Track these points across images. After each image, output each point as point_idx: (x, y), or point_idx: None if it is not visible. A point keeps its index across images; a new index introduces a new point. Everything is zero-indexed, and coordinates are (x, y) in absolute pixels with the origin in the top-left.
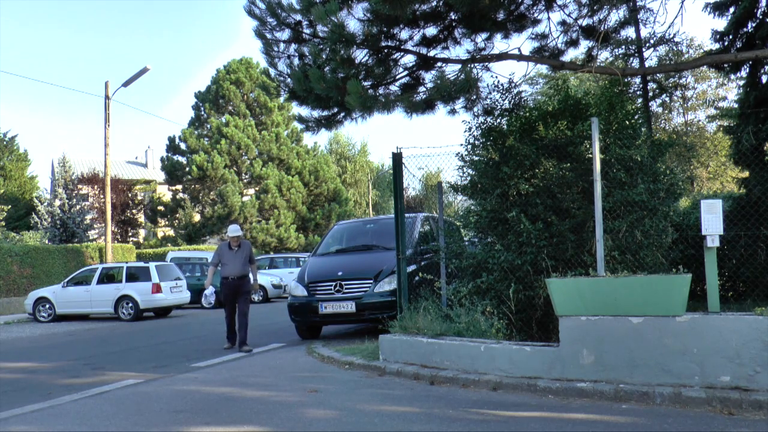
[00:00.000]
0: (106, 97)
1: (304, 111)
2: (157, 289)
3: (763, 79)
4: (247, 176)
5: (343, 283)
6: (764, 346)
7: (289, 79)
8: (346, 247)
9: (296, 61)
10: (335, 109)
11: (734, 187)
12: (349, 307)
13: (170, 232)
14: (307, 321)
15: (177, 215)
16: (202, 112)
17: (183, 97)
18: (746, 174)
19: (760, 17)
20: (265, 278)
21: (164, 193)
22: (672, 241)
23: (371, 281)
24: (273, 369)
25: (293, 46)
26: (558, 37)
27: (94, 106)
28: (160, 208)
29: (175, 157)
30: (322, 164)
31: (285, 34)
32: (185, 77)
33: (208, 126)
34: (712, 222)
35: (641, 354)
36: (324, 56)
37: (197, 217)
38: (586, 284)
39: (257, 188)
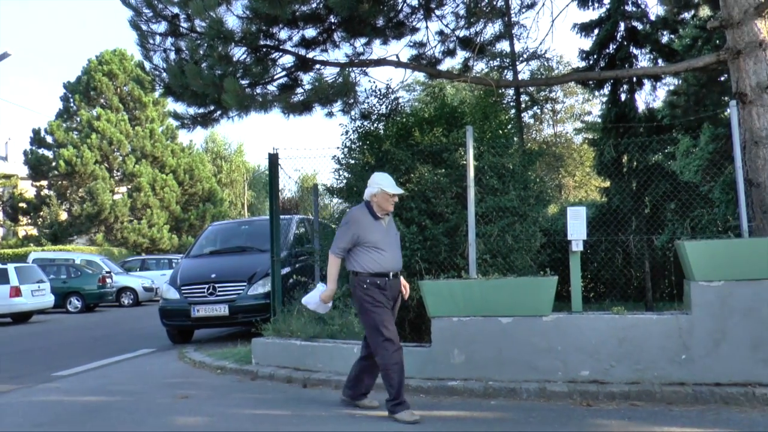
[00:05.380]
0: None
1: (180, 107)
2: (16, 292)
3: (623, 96)
4: (118, 173)
5: (216, 285)
6: (619, 343)
7: (164, 74)
8: (220, 249)
9: (173, 55)
10: (212, 107)
11: (597, 196)
12: (222, 310)
13: (33, 232)
14: (179, 325)
15: (41, 213)
16: (72, 104)
17: (48, 86)
18: (607, 184)
19: (620, 40)
20: (135, 281)
21: (27, 189)
22: (540, 245)
23: (245, 284)
24: (142, 376)
25: (170, 40)
26: (436, 47)
27: None
28: (22, 205)
29: (40, 151)
30: (198, 163)
31: (162, 27)
32: (51, 65)
33: (78, 119)
34: (577, 228)
35: (510, 352)
36: (201, 52)
37: (64, 216)
38: (458, 286)
39: (129, 186)
